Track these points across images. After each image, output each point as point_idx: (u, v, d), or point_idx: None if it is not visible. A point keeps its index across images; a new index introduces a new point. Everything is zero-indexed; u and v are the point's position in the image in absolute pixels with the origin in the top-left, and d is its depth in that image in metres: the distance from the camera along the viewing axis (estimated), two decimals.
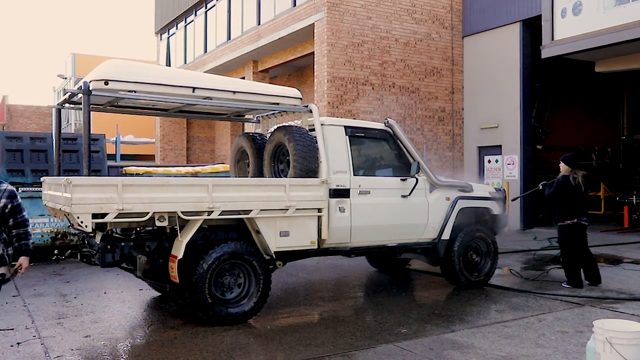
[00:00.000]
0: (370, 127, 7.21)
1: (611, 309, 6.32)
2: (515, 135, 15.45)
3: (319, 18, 14.79)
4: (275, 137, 6.73)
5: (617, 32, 11.62)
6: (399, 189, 7.04)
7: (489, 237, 7.81)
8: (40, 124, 41.85)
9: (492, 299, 6.98)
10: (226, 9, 20.29)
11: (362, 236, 6.75)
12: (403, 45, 15.76)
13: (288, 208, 6.07)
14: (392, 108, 15.53)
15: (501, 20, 15.79)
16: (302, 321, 6.11)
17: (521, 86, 15.34)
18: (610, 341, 3.56)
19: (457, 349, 4.95)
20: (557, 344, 5.09)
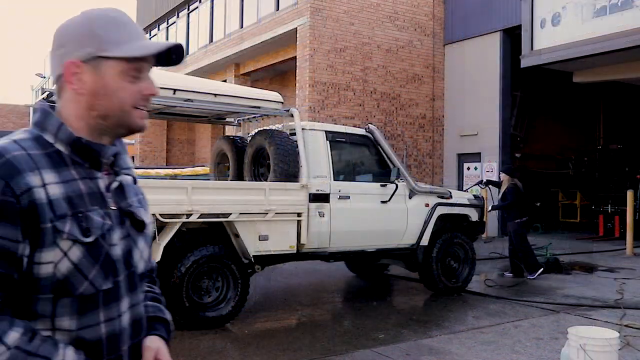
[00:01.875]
0: (351, 133, 7.23)
1: (585, 316, 6.40)
2: (494, 143, 15.60)
3: (302, 23, 14.81)
4: (256, 140, 6.71)
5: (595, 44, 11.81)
6: (379, 194, 7.07)
7: (467, 244, 7.87)
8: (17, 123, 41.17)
9: (470, 305, 7.03)
10: (209, 12, 20.22)
11: (341, 241, 6.76)
12: (385, 51, 15.84)
13: (267, 212, 6.06)
14: (373, 114, 15.58)
15: (482, 29, 15.96)
16: (279, 326, 6.09)
17: (501, 95, 15.51)
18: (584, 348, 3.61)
19: (434, 355, 4.97)
20: (532, 350, 5.14)
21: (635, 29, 10.95)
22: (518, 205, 9.11)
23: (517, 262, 9.06)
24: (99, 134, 1.25)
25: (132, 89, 1.24)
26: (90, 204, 1.20)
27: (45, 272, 1.12)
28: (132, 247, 1.30)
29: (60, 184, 1.16)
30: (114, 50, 1.21)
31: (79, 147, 1.21)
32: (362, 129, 7.37)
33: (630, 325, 5.88)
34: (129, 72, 1.23)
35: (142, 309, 1.35)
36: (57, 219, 1.13)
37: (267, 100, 6.73)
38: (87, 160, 1.23)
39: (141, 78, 1.26)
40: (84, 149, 1.22)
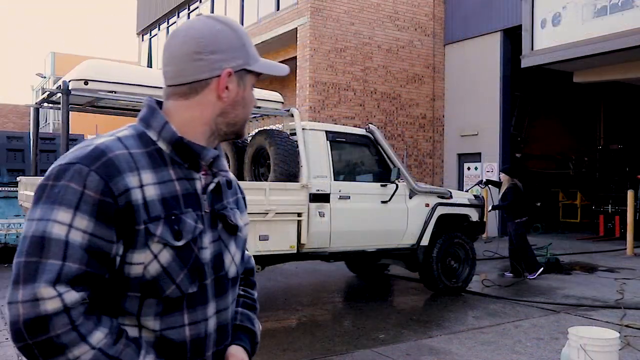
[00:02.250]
0: (352, 133, 7.23)
1: (586, 316, 6.40)
2: (494, 143, 15.60)
3: (302, 23, 14.81)
4: (256, 140, 6.71)
5: (595, 44, 11.81)
6: (379, 194, 7.07)
7: (467, 244, 7.87)
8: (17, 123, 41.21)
9: (470, 305, 7.03)
10: (209, 12, 20.22)
11: (341, 241, 6.76)
12: (385, 51, 15.84)
13: (268, 212, 6.06)
14: (374, 114, 15.59)
15: (482, 29, 15.96)
16: (280, 326, 6.09)
17: (501, 95, 15.51)
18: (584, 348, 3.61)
19: (434, 355, 4.97)
20: (532, 350, 5.13)
21: (635, 29, 10.95)
22: (518, 205, 9.12)
23: (517, 263, 9.07)
24: (212, 139, 1.29)
25: (254, 101, 1.35)
26: (185, 206, 1.20)
27: (135, 273, 1.13)
28: (222, 251, 1.29)
29: (157, 185, 1.16)
30: (255, 65, 1.30)
31: (180, 147, 1.22)
32: (362, 129, 7.37)
33: (630, 326, 5.87)
34: (253, 86, 1.34)
35: (230, 314, 1.34)
36: (151, 221, 1.13)
37: (268, 100, 6.74)
38: (187, 161, 1.23)
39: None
40: (185, 149, 1.22)
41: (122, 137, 1.18)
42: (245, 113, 1.32)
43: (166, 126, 1.21)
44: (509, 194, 9.12)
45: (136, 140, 1.19)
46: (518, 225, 9.10)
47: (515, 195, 9.08)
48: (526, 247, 9.04)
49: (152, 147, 1.20)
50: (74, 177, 1.08)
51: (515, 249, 9.10)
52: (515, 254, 9.12)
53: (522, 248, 9.01)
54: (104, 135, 1.20)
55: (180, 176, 1.22)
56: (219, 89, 1.25)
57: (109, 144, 1.15)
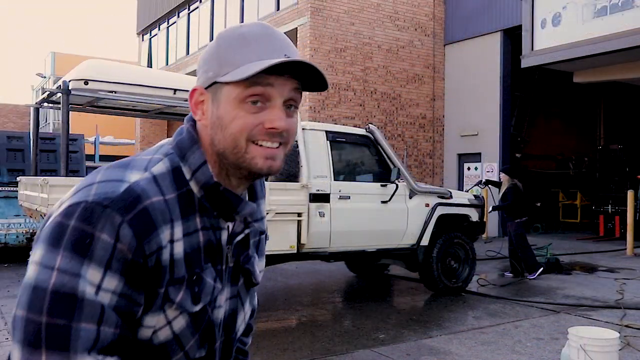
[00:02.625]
0: (351, 133, 7.23)
1: (586, 316, 6.40)
2: (494, 144, 15.60)
3: (302, 23, 14.81)
4: None
5: (595, 44, 11.82)
6: (379, 194, 7.07)
7: (467, 244, 7.87)
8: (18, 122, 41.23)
9: (470, 305, 7.03)
10: (209, 12, 20.23)
11: (341, 241, 6.76)
12: (385, 51, 15.84)
13: (268, 212, 6.06)
14: (374, 114, 15.59)
15: (482, 29, 15.96)
16: (280, 326, 6.09)
17: (501, 95, 15.51)
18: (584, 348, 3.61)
19: (434, 355, 4.97)
20: (532, 350, 5.14)
21: (635, 29, 10.95)
22: (518, 205, 9.12)
23: (516, 263, 9.07)
24: (225, 175, 1.09)
25: (249, 120, 1.02)
26: (205, 260, 1.06)
27: (143, 336, 1.00)
28: (237, 309, 1.17)
29: (184, 239, 1.01)
30: (226, 74, 1.03)
31: (214, 194, 1.06)
32: (362, 129, 7.37)
33: (630, 326, 5.88)
34: (247, 99, 1.02)
35: None
36: (173, 284, 1.00)
37: None
38: (217, 209, 1.07)
39: (267, 107, 1.03)
40: (220, 197, 1.06)
41: (158, 176, 1.02)
42: (227, 136, 1.03)
43: (203, 167, 1.05)
44: (509, 194, 9.11)
45: (171, 180, 1.03)
46: (518, 225, 9.11)
47: (515, 196, 9.08)
48: (526, 247, 9.03)
49: (184, 189, 1.04)
50: (106, 227, 0.91)
51: (515, 249, 9.10)
52: (515, 254, 9.12)
53: (522, 248, 9.00)
54: (136, 164, 1.03)
55: (206, 225, 1.06)
56: (193, 113, 1.10)
57: (145, 185, 0.98)
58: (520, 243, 9.02)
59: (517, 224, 9.11)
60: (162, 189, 1.00)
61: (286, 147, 1.09)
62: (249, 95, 1.02)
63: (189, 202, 1.04)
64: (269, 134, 1.03)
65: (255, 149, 1.03)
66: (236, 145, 1.03)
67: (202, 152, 1.06)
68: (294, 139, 1.10)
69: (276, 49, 1.04)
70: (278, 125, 1.03)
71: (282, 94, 1.03)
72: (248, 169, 1.05)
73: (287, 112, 1.05)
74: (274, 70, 1.00)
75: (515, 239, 9.11)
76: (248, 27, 1.06)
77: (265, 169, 1.05)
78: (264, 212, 1.22)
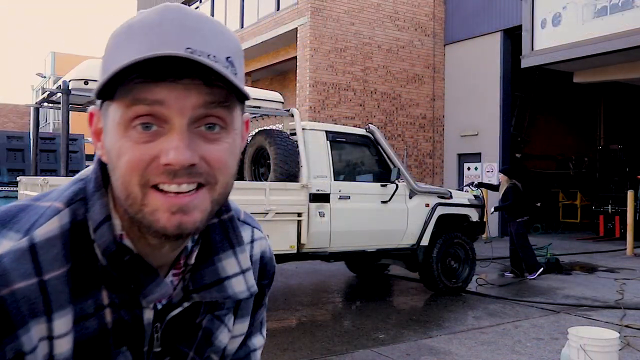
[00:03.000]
0: (352, 133, 7.23)
1: (586, 316, 6.40)
2: (494, 144, 15.60)
3: (302, 23, 14.81)
4: (256, 140, 6.71)
5: (595, 44, 11.81)
6: (379, 194, 7.07)
7: (467, 244, 7.87)
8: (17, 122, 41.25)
9: (470, 305, 7.03)
10: (209, 12, 20.22)
11: (341, 241, 6.76)
12: (385, 51, 15.84)
13: (268, 212, 6.06)
14: (374, 114, 15.59)
15: (482, 30, 15.96)
16: (280, 326, 6.09)
17: (501, 95, 15.51)
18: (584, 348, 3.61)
19: (434, 355, 4.97)
20: (532, 350, 5.13)
21: (635, 29, 10.95)
22: (519, 204, 9.12)
23: (517, 263, 9.07)
24: (139, 232, 0.76)
25: (137, 153, 0.70)
26: (117, 344, 0.77)
27: None
28: None
29: (75, 329, 0.74)
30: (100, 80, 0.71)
31: (121, 264, 0.76)
32: (362, 129, 7.37)
33: (630, 326, 5.87)
34: (134, 123, 0.70)
35: None
36: None
37: (268, 100, 6.74)
38: (133, 282, 0.77)
39: (166, 132, 0.70)
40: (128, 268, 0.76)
41: (41, 244, 0.72)
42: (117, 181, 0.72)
43: (102, 227, 0.75)
44: (509, 194, 9.10)
45: (63, 247, 0.73)
46: (519, 224, 9.09)
47: (515, 195, 9.07)
48: (527, 247, 9.01)
49: (83, 254, 0.75)
50: None
51: (516, 249, 9.09)
52: (515, 254, 9.11)
53: (523, 248, 8.98)
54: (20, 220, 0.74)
55: (116, 301, 0.76)
56: (94, 144, 0.80)
57: (9, 264, 0.69)
58: (521, 243, 9.00)
59: (518, 223, 9.09)
60: (41, 266, 0.71)
61: (213, 190, 0.73)
62: (131, 118, 0.70)
63: (89, 273, 0.75)
64: (168, 173, 0.69)
65: (155, 198, 0.70)
66: (129, 193, 0.71)
67: (103, 203, 0.76)
68: (229, 175, 0.75)
69: (172, 40, 0.68)
70: (173, 159, 0.68)
71: (183, 111, 0.69)
72: (149, 228, 0.72)
73: (206, 135, 0.72)
74: (164, 75, 0.68)
75: (517, 238, 9.09)
76: (145, 13, 0.73)
77: (171, 229, 0.71)
78: (237, 267, 0.87)
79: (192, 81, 0.69)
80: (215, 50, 0.70)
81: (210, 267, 0.84)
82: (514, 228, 9.17)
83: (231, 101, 0.73)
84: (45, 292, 0.71)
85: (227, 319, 0.91)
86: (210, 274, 0.84)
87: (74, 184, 0.80)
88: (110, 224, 0.76)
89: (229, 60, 0.72)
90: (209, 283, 0.83)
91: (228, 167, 0.74)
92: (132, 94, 0.69)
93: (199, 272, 0.83)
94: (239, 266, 0.87)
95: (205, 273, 0.84)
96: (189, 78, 0.69)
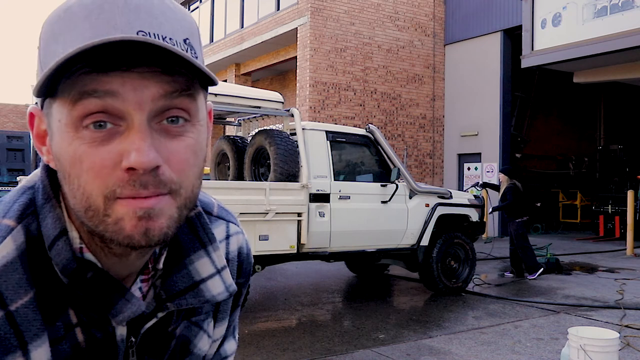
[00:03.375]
0: (352, 133, 7.23)
1: (586, 316, 6.40)
2: (494, 144, 15.61)
3: (302, 23, 14.81)
4: (256, 140, 6.71)
5: (595, 44, 11.82)
6: (379, 194, 7.07)
7: (467, 244, 7.87)
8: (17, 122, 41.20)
9: (470, 306, 7.03)
10: (209, 12, 20.23)
11: (341, 241, 6.76)
12: (385, 51, 15.85)
13: (268, 212, 6.06)
14: (374, 114, 15.59)
15: (482, 30, 15.97)
16: (280, 326, 6.09)
17: (501, 95, 15.52)
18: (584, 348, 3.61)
19: (434, 355, 4.97)
20: (532, 350, 5.13)
21: (635, 29, 10.95)
22: (518, 204, 9.11)
23: (517, 263, 9.07)
24: (101, 243, 0.68)
25: (97, 157, 0.61)
26: None
27: None
28: None
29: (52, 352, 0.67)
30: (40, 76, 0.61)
31: (84, 282, 0.68)
32: (362, 129, 7.37)
33: (630, 326, 5.87)
34: (84, 122, 0.61)
35: None
36: None
37: (268, 100, 6.73)
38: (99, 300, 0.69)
39: (123, 130, 0.62)
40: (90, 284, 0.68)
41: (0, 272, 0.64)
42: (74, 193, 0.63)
43: (58, 243, 0.67)
44: (508, 194, 9.10)
45: (24, 270, 0.65)
46: (519, 225, 9.09)
47: (515, 195, 9.07)
48: (526, 247, 9.00)
49: (45, 275, 0.67)
50: None
51: (515, 249, 9.09)
52: (515, 254, 9.11)
53: (523, 248, 8.98)
54: None
55: (85, 319, 0.69)
56: (37, 148, 0.70)
57: None
58: (521, 243, 8.99)
59: (517, 223, 9.09)
60: (4, 296, 0.63)
61: (178, 196, 0.65)
62: (81, 116, 0.61)
63: (54, 294, 0.67)
64: (135, 183, 0.61)
65: (120, 205, 0.62)
66: (89, 205, 0.62)
67: (56, 216, 0.67)
68: (195, 176, 0.67)
69: (120, 24, 0.60)
70: (136, 162, 0.60)
71: (141, 104, 0.61)
72: (113, 239, 0.63)
73: (169, 130, 0.64)
74: (114, 64, 0.59)
75: (516, 238, 9.09)
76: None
77: (137, 237, 0.62)
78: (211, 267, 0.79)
79: (148, 69, 0.61)
80: (170, 32, 0.62)
81: (182, 271, 0.76)
82: (513, 228, 9.17)
83: (194, 89, 0.65)
84: (15, 325, 0.62)
85: (206, 325, 0.83)
86: (183, 278, 0.76)
87: (20, 195, 0.70)
88: (67, 239, 0.67)
89: (187, 43, 0.64)
90: (183, 289, 0.76)
91: (193, 168, 0.66)
92: (77, 88, 0.59)
93: (170, 278, 0.75)
94: (214, 266, 0.79)
95: (177, 278, 0.76)
96: (144, 66, 0.60)
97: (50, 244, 0.66)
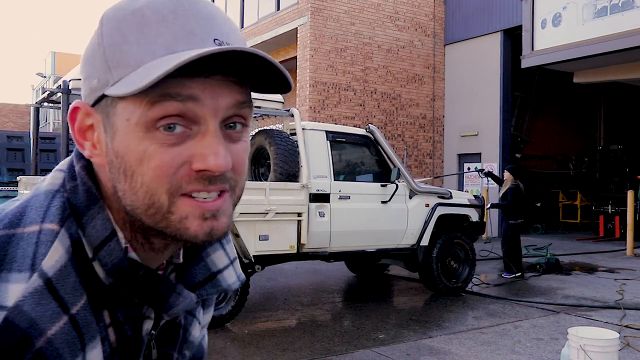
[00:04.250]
0: (352, 133, 7.23)
1: (585, 316, 6.40)
2: (494, 144, 15.61)
3: (302, 23, 14.81)
4: (256, 140, 6.71)
5: (595, 44, 11.82)
6: (379, 194, 7.07)
7: (467, 244, 7.87)
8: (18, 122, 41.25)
9: (470, 306, 7.03)
10: None
11: (341, 241, 6.76)
12: (385, 51, 15.85)
13: (268, 212, 6.06)
14: (374, 114, 15.59)
15: (482, 30, 15.97)
16: (280, 326, 6.09)
17: (501, 95, 15.52)
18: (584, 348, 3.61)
19: (434, 355, 4.98)
20: (532, 350, 5.14)
21: (635, 29, 10.95)
22: (517, 206, 9.11)
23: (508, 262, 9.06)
24: (143, 238, 0.71)
25: (166, 158, 0.63)
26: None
27: None
28: None
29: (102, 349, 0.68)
30: (117, 82, 0.63)
31: (131, 280, 0.69)
32: (362, 129, 7.37)
33: (630, 326, 5.88)
34: (158, 124, 0.63)
35: None
36: None
37: (268, 100, 6.73)
38: (139, 297, 0.70)
39: (194, 133, 0.64)
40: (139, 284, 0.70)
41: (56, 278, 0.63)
42: (135, 189, 0.64)
43: (109, 244, 0.67)
44: (509, 194, 9.09)
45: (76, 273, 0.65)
46: (510, 226, 9.13)
47: (515, 197, 9.07)
48: (513, 249, 9.05)
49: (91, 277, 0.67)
50: None
51: (508, 248, 9.13)
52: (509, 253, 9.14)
53: (510, 248, 9.03)
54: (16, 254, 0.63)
55: (120, 319, 0.71)
56: (77, 143, 0.70)
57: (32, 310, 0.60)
58: (510, 243, 9.05)
59: (510, 224, 9.13)
60: (65, 300, 0.63)
61: (234, 195, 0.69)
62: (157, 117, 0.62)
63: (97, 296, 0.67)
64: (203, 179, 0.64)
65: (184, 204, 0.65)
66: (152, 202, 0.64)
67: (105, 218, 0.68)
68: (245, 176, 0.71)
69: (197, 30, 0.63)
70: (213, 165, 0.63)
71: (217, 111, 0.64)
72: (175, 236, 0.66)
73: (230, 135, 0.67)
74: (197, 70, 0.62)
75: (504, 238, 9.20)
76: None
77: (202, 236, 0.66)
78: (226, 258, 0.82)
79: (224, 78, 0.64)
80: (236, 41, 0.66)
81: (200, 263, 0.79)
82: (504, 227, 9.27)
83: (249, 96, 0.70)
84: (78, 327, 0.64)
85: (197, 313, 0.86)
86: (201, 270, 0.79)
87: (52, 199, 0.68)
88: (117, 240, 0.68)
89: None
90: (202, 280, 0.78)
91: (246, 168, 0.71)
92: (159, 90, 0.60)
93: (190, 270, 0.78)
94: (228, 257, 0.82)
95: (196, 270, 0.78)
96: (220, 74, 0.64)
97: (100, 245, 0.67)
